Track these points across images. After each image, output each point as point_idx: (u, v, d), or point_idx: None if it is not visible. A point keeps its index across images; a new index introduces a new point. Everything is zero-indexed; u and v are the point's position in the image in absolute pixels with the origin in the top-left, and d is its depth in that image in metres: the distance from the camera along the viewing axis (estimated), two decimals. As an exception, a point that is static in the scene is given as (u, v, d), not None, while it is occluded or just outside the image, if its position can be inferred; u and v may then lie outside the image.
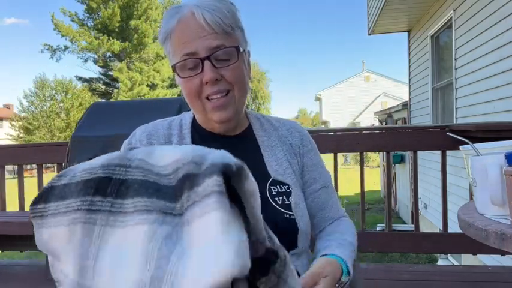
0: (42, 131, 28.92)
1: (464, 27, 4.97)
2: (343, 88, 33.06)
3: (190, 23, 0.82)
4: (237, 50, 0.85)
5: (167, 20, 0.86)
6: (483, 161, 1.00)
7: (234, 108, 0.87)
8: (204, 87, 0.84)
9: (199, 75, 0.83)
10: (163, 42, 0.88)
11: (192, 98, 0.87)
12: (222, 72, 0.84)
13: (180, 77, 0.86)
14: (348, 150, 2.57)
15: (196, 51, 0.82)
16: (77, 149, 2.13)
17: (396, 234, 2.62)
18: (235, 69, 0.86)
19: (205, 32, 0.82)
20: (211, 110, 0.86)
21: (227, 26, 0.83)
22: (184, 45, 0.83)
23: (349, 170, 18.00)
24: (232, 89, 0.86)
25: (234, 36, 0.86)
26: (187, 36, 0.83)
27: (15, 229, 2.57)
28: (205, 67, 0.82)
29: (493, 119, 4.13)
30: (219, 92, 0.84)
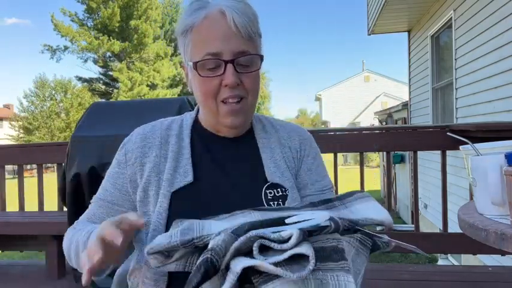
0: (42, 131, 28.92)
1: (464, 27, 4.97)
2: (343, 88, 33.06)
3: (219, 22, 0.81)
4: (260, 58, 0.86)
5: (191, 13, 0.83)
6: (483, 161, 1.00)
7: (246, 115, 0.88)
8: (222, 90, 0.83)
9: (219, 76, 0.82)
10: (181, 34, 0.85)
11: (207, 98, 0.85)
12: (241, 78, 0.83)
13: (200, 76, 0.84)
14: (348, 150, 2.56)
15: (221, 52, 0.81)
16: (77, 149, 2.12)
17: (396, 234, 2.61)
18: (255, 77, 0.86)
19: (232, 34, 0.81)
20: (226, 113, 0.85)
21: (252, 31, 0.83)
22: (209, 43, 0.81)
23: (349, 170, 17.99)
24: (247, 96, 0.85)
25: (256, 42, 0.86)
26: (214, 35, 0.81)
27: (15, 229, 2.58)
28: (227, 70, 0.81)
29: (493, 119, 4.13)
30: (235, 97, 0.83)
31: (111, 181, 0.92)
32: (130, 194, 0.89)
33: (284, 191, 0.88)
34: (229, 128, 0.88)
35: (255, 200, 0.85)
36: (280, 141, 0.95)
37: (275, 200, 0.87)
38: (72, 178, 2.03)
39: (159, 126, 0.94)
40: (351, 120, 31.45)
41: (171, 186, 0.85)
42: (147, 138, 0.91)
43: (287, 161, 0.93)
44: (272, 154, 0.93)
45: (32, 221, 2.57)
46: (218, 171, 0.88)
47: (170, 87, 29.14)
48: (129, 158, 0.90)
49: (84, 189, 2.01)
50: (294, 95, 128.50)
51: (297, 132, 0.99)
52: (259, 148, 0.93)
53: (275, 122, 1.00)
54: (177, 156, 0.89)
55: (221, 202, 0.84)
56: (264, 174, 0.89)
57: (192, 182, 0.86)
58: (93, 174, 1.98)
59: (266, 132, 0.96)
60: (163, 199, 0.84)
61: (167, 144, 0.91)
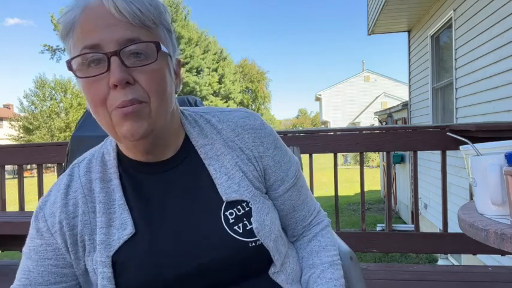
0: (42, 131, 28.94)
1: (464, 27, 4.97)
2: (343, 88, 33.09)
3: (98, 10, 0.63)
4: (156, 46, 0.64)
5: (70, 9, 0.66)
6: (483, 161, 1.00)
7: (149, 123, 0.65)
8: (111, 93, 0.63)
9: (104, 75, 0.63)
10: (65, 37, 0.66)
11: (96, 107, 0.65)
12: (134, 75, 0.63)
13: (77, 77, 0.65)
14: (348, 150, 2.56)
15: (100, 44, 0.62)
16: (77, 149, 2.12)
17: (396, 234, 2.61)
18: (154, 74, 0.65)
19: (115, 20, 0.62)
20: (119, 120, 0.64)
21: (148, 19, 0.64)
22: (86, 35, 0.63)
23: (349, 170, 18.01)
24: (148, 100, 0.64)
25: (155, 33, 0.66)
26: (92, 24, 0.63)
27: (15, 229, 2.57)
28: (112, 65, 0.62)
29: (493, 119, 4.13)
30: (129, 102, 0.63)
31: (35, 257, 0.71)
32: (73, 266, 0.72)
33: (246, 205, 0.73)
34: (129, 138, 0.65)
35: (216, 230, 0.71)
36: (226, 143, 0.77)
37: (239, 221, 0.71)
38: (72, 178, 2.03)
39: (76, 172, 0.75)
40: (351, 120, 31.47)
41: (109, 249, 0.69)
42: (68, 195, 0.73)
43: (242, 165, 0.76)
44: (221, 164, 0.75)
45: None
46: (164, 210, 0.72)
47: (170, 87, 29.10)
48: (52, 224, 0.71)
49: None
50: (294, 95, 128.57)
51: (243, 126, 0.78)
52: (203, 160, 0.75)
53: (214, 119, 0.79)
54: (107, 207, 0.72)
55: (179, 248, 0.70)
56: (217, 193, 0.73)
57: (133, 234, 0.70)
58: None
59: (206, 137, 0.77)
60: (104, 268, 0.68)
61: (92, 193, 0.73)
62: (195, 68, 30.27)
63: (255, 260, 0.73)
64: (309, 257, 0.84)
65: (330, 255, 0.83)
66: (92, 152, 0.79)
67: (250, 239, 0.71)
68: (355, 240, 2.43)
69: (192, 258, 0.69)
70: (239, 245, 0.70)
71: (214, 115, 0.80)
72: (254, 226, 0.72)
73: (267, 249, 0.73)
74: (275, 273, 0.76)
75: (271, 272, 0.75)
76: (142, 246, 0.69)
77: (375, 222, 9.44)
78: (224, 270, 0.70)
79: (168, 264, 0.69)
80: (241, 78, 40.33)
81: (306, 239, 0.87)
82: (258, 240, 0.71)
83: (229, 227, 0.71)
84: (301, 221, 0.86)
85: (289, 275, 0.78)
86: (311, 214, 0.88)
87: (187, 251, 0.70)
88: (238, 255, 0.70)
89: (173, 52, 0.72)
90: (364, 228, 2.54)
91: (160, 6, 0.67)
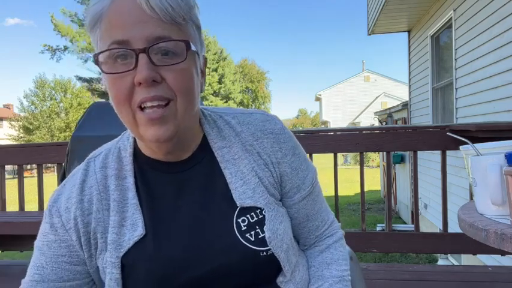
0: (42, 131, 28.95)
1: (464, 27, 4.97)
2: (343, 88, 33.09)
3: (127, 5, 0.61)
4: (186, 45, 0.63)
5: (98, 1, 0.64)
6: (483, 161, 1.00)
7: (175, 125, 0.64)
8: (136, 91, 0.61)
9: (131, 72, 0.61)
10: (92, 29, 0.65)
11: (119, 104, 0.63)
12: (162, 73, 0.62)
13: (104, 72, 0.63)
14: (348, 150, 2.56)
15: (129, 40, 0.60)
16: (77, 149, 2.12)
17: (396, 234, 2.61)
18: (182, 72, 0.63)
19: (146, 17, 0.60)
20: (145, 123, 0.63)
21: (178, 15, 0.62)
22: (115, 30, 0.61)
23: (349, 170, 18.01)
24: (175, 98, 0.63)
25: (185, 30, 0.64)
26: (121, 20, 0.61)
27: (15, 229, 2.57)
28: (139, 62, 0.60)
29: (493, 119, 4.13)
30: (156, 99, 0.61)
31: (49, 253, 0.70)
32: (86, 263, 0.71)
33: (260, 212, 0.71)
34: (153, 142, 0.64)
35: (227, 236, 0.69)
36: (245, 147, 0.75)
37: (251, 229, 0.69)
38: (72, 178, 2.03)
39: (92, 167, 0.74)
40: (351, 120, 31.48)
41: (119, 250, 0.68)
42: (84, 190, 0.71)
43: (258, 171, 0.73)
44: (237, 168, 0.73)
45: (32, 221, 2.57)
46: (175, 213, 0.71)
47: (170, 87, 29.12)
48: (66, 220, 0.70)
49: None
50: (294, 95, 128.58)
51: (263, 131, 0.76)
52: (219, 163, 0.73)
53: (234, 121, 0.77)
54: (120, 206, 0.70)
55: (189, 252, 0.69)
56: (231, 198, 0.71)
57: (144, 235, 0.68)
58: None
59: (224, 139, 0.75)
60: (113, 269, 0.67)
61: (107, 190, 0.71)
62: (195, 68, 30.25)
63: (264, 268, 0.71)
64: (319, 267, 0.82)
65: (340, 269, 0.81)
66: (109, 146, 0.77)
67: (261, 248, 0.69)
68: (355, 240, 2.43)
69: (201, 263, 0.68)
70: (250, 254, 0.69)
71: (234, 116, 0.78)
72: (267, 235, 0.70)
73: (277, 259, 0.71)
74: (283, 282, 0.74)
75: (279, 281, 0.74)
76: (152, 249, 0.68)
77: (375, 222, 9.44)
78: (233, 277, 0.69)
79: (176, 268, 0.68)
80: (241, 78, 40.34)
81: (318, 249, 0.85)
82: (270, 249, 0.70)
83: (241, 235, 0.69)
84: (314, 231, 0.84)
85: (298, 283, 0.77)
86: (324, 224, 0.85)
87: (197, 255, 0.68)
88: (248, 264, 0.69)
89: (201, 50, 0.70)
90: (364, 228, 2.54)
91: (191, 1, 0.65)
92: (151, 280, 0.67)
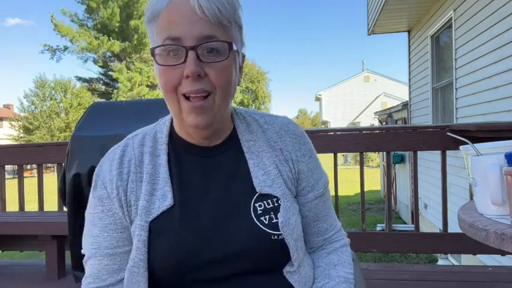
0: (42, 131, 28.95)
1: (464, 27, 4.97)
2: (343, 88, 33.09)
3: (182, 6, 0.70)
4: (229, 46, 0.72)
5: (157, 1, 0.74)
6: (483, 161, 1.00)
7: (212, 115, 0.74)
8: (183, 82, 0.72)
9: (180, 66, 0.71)
10: (149, 23, 0.76)
11: (167, 92, 0.74)
12: (206, 69, 0.71)
13: (158, 64, 0.73)
14: (348, 150, 2.56)
15: (181, 37, 0.70)
16: (77, 149, 2.12)
17: (396, 234, 2.61)
18: (223, 69, 0.73)
19: (197, 18, 0.70)
20: (188, 111, 0.73)
21: (224, 18, 0.71)
22: (169, 27, 0.71)
23: (349, 170, 18.01)
24: (214, 91, 0.73)
25: (229, 31, 0.74)
26: (175, 18, 0.70)
27: (15, 229, 2.57)
28: (188, 58, 0.70)
29: (493, 119, 4.13)
30: (199, 92, 0.71)
31: (100, 224, 0.78)
32: (128, 228, 0.78)
33: (275, 201, 0.79)
34: (193, 127, 0.75)
35: (244, 218, 0.76)
36: (269, 143, 0.84)
37: (266, 214, 0.77)
38: (72, 178, 2.03)
39: (131, 145, 0.83)
40: (351, 120, 31.48)
41: (148, 215, 0.76)
42: (123, 163, 0.80)
43: (279, 165, 0.82)
44: (260, 159, 0.82)
45: (32, 221, 2.57)
46: (201, 189, 0.79)
47: (170, 87, 29.10)
48: (111, 191, 0.78)
49: (84, 189, 2.01)
50: (294, 95, 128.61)
51: (286, 131, 0.87)
52: (245, 153, 0.82)
53: (261, 119, 0.88)
54: (152, 178, 0.79)
55: (208, 225, 0.76)
56: (252, 184, 0.79)
57: (172, 206, 0.76)
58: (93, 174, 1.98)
59: (252, 133, 0.85)
60: (141, 232, 0.75)
61: (141, 164, 0.80)
62: (195, 68, 30.27)
63: (273, 253, 0.77)
64: (325, 267, 0.87)
65: (346, 271, 0.85)
66: (145, 130, 0.86)
67: (273, 231, 0.76)
68: (355, 240, 2.42)
69: (217, 237, 0.74)
70: (262, 235, 0.75)
71: (261, 116, 0.89)
72: (280, 221, 0.76)
73: (287, 246, 0.77)
74: (289, 273, 0.79)
75: (286, 271, 0.79)
76: (177, 219, 0.75)
77: (375, 222, 9.44)
78: (246, 258, 0.75)
79: (196, 239, 0.74)
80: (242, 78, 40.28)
81: (325, 252, 0.90)
82: (281, 234, 0.76)
83: (256, 217, 0.76)
84: (322, 233, 0.90)
85: (302, 278, 0.81)
86: (333, 228, 0.92)
87: (216, 231, 0.75)
88: (259, 245, 0.75)
89: (241, 48, 0.80)
90: (364, 228, 2.54)
91: (236, 3, 0.75)
92: (172, 245, 0.74)
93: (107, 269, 0.77)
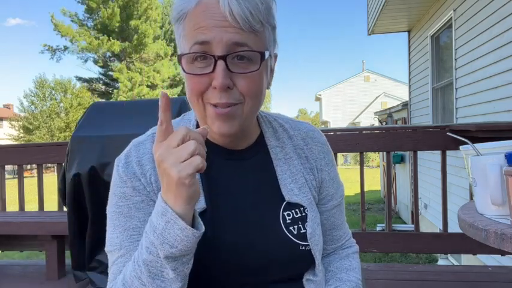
0: (42, 131, 28.94)
1: (464, 27, 4.97)
2: (343, 88, 33.07)
3: (212, 9, 0.66)
4: (261, 56, 0.68)
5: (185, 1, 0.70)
6: (483, 161, 1.00)
7: (240, 123, 0.71)
8: (210, 91, 0.68)
9: (208, 75, 0.67)
10: (176, 22, 0.72)
11: (192, 97, 0.70)
12: (235, 79, 0.68)
13: (185, 72, 0.70)
14: (348, 150, 2.56)
15: (209, 42, 0.66)
16: (77, 149, 2.12)
17: (396, 234, 2.61)
18: (253, 80, 0.69)
19: (227, 23, 0.65)
20: (213, 117, 0.69)
21: (257, 21, 0.66)
22: (198, 30, 0.67)
23: (349, 170, 18.00)
24: (243, 101, 0.70)
25: (261, 36, 0.69)
26: (205, 22, 0.66)
27: (15, 229, 2.57)
28: (217, 69, 0.66)
29: (493, 119, 4.13)
30: (226, 105, 0.68)
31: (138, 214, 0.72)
32: None
33: (303, 210, 0.78)
34: (218, 135, 0.73)
35: (273, 227, 0.75)
36: (296, 150, 0.83)
37: (294, 223, 0.76)
38: (72, 178, 2.03)
39: None
40: (351, 120, 31.47)
41: None
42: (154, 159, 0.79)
43: (305, 173, 0.81)
44: (288, 166, 0.80)
45: (32, 221, 2.57)
46: (232, 194, 0.77)
47: (170, 88, 29.13)
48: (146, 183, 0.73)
49: (84, 189, 2.01)
50: (294, 95, 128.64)
51: (313, 138, 0.86)
52: (273, 160, 0.80)
53: (287, 125, 0.86)
54: None
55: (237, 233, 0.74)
56: (280, 192, 0.78)
57: (205, 209, 0.73)
58: (93, 174, 1.98)
59: (278, 140, 0.83)
60: None
61: None
62: (195, 68, 30.26)
63: (300, 263, 0.77)
64: (336, 271, 0.87)
65: (357, 277, 0.86)
66: None
67: (302, 242, 0.76)
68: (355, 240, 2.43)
69: (247, 246, 0.73)
70: (291, 245, 0.75)
71: (286, 121, 0.87)
72: (308, 231, 0.76)
73: (313, 256, 0.77)
74: (309, 280, 0.79)
75: (306, 278, 0.79)
76: (209, 223, 0.70)
77: (374, 222, 9.44)
78: (274, 267, 0.74)
79: (226, 246, 0.72)
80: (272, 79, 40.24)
81: (338, 257, 0.91)
82: (308, 245, 0.76)
83: (286, 227, 0.75)
84: (336, 241, 0.91)
85: (318, 285, 0.81)
86: (346, 236, 0.93)
87: (246, 241, 0.73)
88: (288, 255, 0.75)
89: (273, 49, 0.75)
90: (364, 228, 2.54)
91: (271, 4, 0.71)
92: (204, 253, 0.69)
93: None
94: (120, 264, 0.70)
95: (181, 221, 0.58)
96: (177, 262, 0.62)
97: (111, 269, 0.72)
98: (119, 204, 0.73)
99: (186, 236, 0.59)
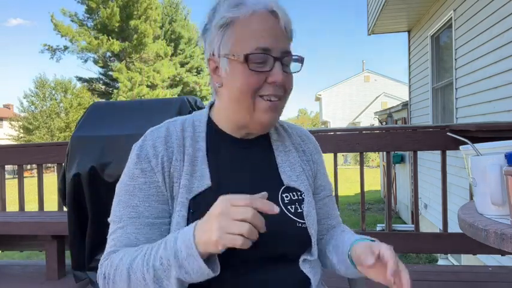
0: (42, 131, 28.94)
1: (464, 27, 4.97)
2: (343, 88, 33.07)
3: (270, 20, 0.82)
4: (301, 61, 0.88)
5: (230, 8, 0.82)
6: (483, 161, 1.00)
7: (279, 114, 0.88)
8: (265, 86, 0.82)
9: (265, 73, 0.82)
10: (220, 27, 0.82)
11: (246, 92, 0.82)
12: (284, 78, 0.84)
13: (249, 69, 0.81)
14: (348, 150, 2.56)
15: (271, 49, 0.81)
16: (77, 149, 2.12)
17: (396, 234, 2.61)
18: (292, 79, 0.87)
19: (281, 33, 0.83)
20: (265, 109, 0.83)
21: (292, 34, 0.86)
22: (260, 38, 0.81)
23: (349, 170, 18.01)
24: (284, 97, 0.86)
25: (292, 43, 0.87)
26: (266, 32, 0.81)
27: (15, 229, 2.57)
28: (276, 67, 0.82)
29: (493, 119, 4.13)
30: (277, 96, 0.84)
31: (140, 194, 0.82)
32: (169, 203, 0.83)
33: (300, 194, 0.88)
34: (264, 125, 0.86)
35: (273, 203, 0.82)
36: (294, 145, 0.96)
37: (292, 203, 0.86)
38: (72, 178, 2.03)
39: (173, 128, 0.89)
40: (351, 120, 31.47)
41: (189, 193, 0.81)
42: (168, 142, 0.85)
43: (302, 164, 0.94)
44: (287, 157, 0.93)
45: (32, 221, 2.57)
46: (235, 175, 0.86)
47: (170, 88, 29.12)
48: (155, 165, 0.83)
49: (84, 189, 2.01)
50: (294, 95, 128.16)
51: (307, 136, 1.01)
52: (274, 151, 0.93)
53: (286, 125, 1.01)
54: (192, 160, 0.85)
55: None
56: (280, 177, 0.89)
57: (210, 187, 0.82)
58: (93, 174, 1.98)
59: (279, 135, 0.96)
60: (182, 208, 0.80)
61: (183, 146, 0.86)
62: (195, 68, 30.27)
63: (297, 238, 0.84)
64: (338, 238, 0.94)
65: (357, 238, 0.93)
66: (183, 118, 0.93)
67: (298, 219, 0.85)
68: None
69: None
70: (288, 221, 0.84)
71: (284, 122, 1.01)
72: (304, 211, 0.86)
73: (309, 236, 0.85)
74: (305, 260, 0.85)
75: (302, 259, 0.85)
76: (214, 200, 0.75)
77: (374, 222, 9.44)
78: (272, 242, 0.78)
79: None
80: None
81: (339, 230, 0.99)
82: (305, 223, 0.85)
83: (284, 205, 0.85)
84: (330, 229, 1.00)
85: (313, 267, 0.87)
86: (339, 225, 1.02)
87: None
88: (285, 230, 0.82)
89: None
90: (364, 228, 2.54)
91: None
92: None
93: (147, 237, 0.80)
94: (118, 233, 0.80)
95: (202, 262, 0.66)
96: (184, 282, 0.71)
97: (111, 237, 0.82)
98: (127, 182, 0.83)
99: (201, 273, 0.68)
